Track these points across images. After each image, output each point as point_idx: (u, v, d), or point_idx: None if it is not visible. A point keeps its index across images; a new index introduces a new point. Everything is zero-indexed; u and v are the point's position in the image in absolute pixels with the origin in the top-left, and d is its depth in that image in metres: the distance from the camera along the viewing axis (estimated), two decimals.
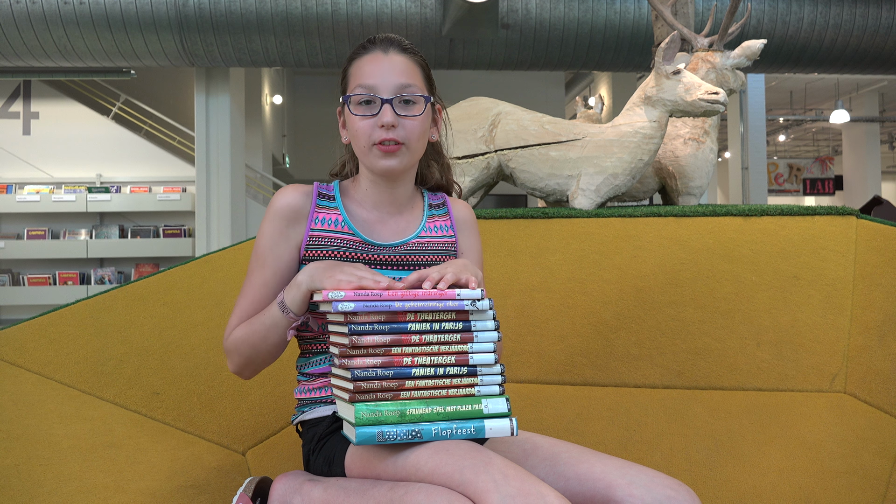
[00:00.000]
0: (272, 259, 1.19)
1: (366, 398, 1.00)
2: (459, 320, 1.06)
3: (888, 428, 1.61)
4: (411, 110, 1.19)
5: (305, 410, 1.23)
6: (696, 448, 1.64)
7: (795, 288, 1.83)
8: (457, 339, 1.05)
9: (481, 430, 1.03)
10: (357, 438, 0.98)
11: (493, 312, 1.08)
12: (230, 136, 7.58)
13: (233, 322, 1.19)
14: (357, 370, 1.00)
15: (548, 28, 6.22)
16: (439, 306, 1.04)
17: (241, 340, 1.16)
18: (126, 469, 1.32)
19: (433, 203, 1.33)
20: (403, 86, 1.18)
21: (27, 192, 7.87)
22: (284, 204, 1.21)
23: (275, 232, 1.20)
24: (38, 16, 5.82)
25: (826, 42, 6.55)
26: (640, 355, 1.82)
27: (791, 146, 17.58)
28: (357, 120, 1.18)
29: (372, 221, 1.25)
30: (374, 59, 1.19)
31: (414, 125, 1.19)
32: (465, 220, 1.35)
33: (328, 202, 1.24)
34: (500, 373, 1.07)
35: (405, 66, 1.20)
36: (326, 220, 1.22)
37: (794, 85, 12.66)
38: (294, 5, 5.93)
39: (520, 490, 0.89)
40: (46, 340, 1.59)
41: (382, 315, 1.02)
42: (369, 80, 1.18)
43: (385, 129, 1.16)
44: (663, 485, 1.03)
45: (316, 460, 1.18)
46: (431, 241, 1.27)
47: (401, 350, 1.03)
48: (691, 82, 1.98)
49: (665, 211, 1.99)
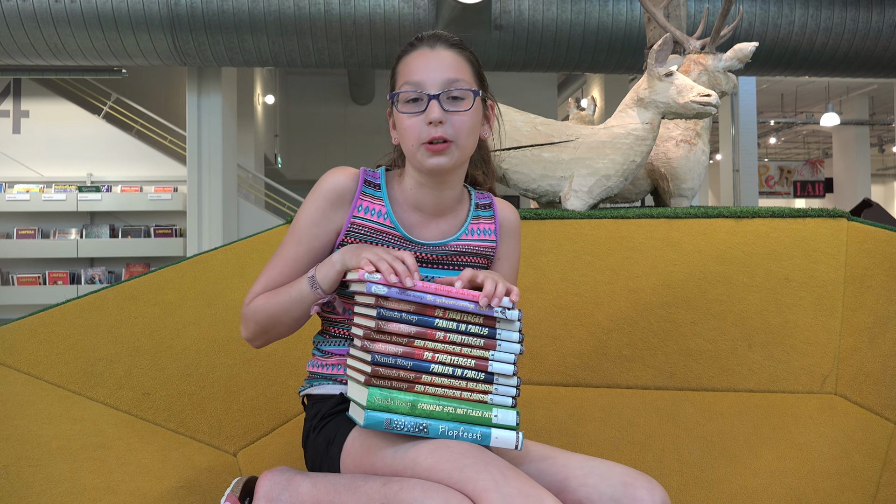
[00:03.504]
0: (309, 237, 1.18)
1: (381, 384, 1.01)
2: (486, 326, 1.06)
3: (878, 429, 1.62)
4: (460, 105, 1.15)
5: (314, 384, 1.23)
6: (687, 449, 1.64)
7: (787, 290, 1.84)
8: (480, 344, 1.05)
9: (487, 437, 1.03)
10: (365, 421, 0.98)
11: (520, 325, 1.08)
12: (222, 136, 7.55)
13: (256, 289, 1.19)
14: (378, 355, 1.01)
15: (540, 29, 6.22)
16: (469, 307, 1.04)
17: (262, 309, 1.16)
18: (116, 470, 1.32)
19: (480, 203, 1.30)
20: (451, 80, 1.15)
21: (17, 191, 7.82)
22: (332, 185, 1.19)
23: (317, 211, 1.19)
24: (29, 14, 5.78)
25: (817, 45, 6.59)
26: (632, 356, 1.82)
27: (782, 149, 17.67)
28: (405, 118, 1.16)
29: (413, 222, 1.23)
30: (421, 56, 1.17)
31: (462, 121, 1.15)
32: (510, 224, 1.31)
33: (374, 190, 1.22)
34: (515, 385, 1.07)
35: (453, 60, 1.17)
36: (370, 210, 1.20)
37: (785, 88, 12.72)
38: (286, 5, 5.91)
39: (519, 491, 0.90)
40: (36, 340, 1.58)
41: (412, 305, 1.03)
42: (416, 77, 1.15)
43: (433, 125, 1.13)
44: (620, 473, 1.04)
45: (316, 438, 1.17)
46: (472, 243, 1.25)
47: (423, 344, 1.03)
48: (683, 84, 1.99)
49: (657, 212, 1.99)
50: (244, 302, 1.20)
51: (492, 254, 1.28)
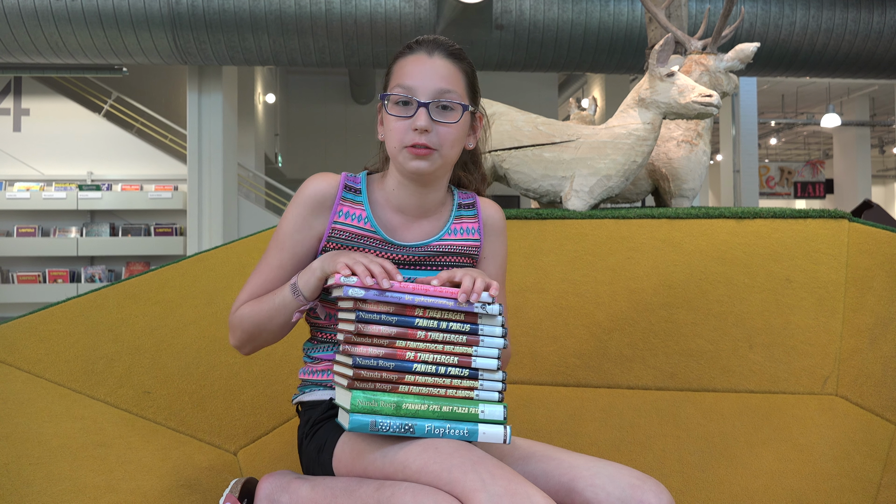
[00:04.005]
0: (292, 244, 1.19)
1: (364, 386, 1.00)
2: (468, 322, 1.05)
3: (879, 430, 1.62)
4: (448, 117, 1.16)
5: (306, 391, 1.24)
6: (688, 450, 1.64)
7: (788, 290, 1.84)
8: (462, 341, 1.05)
9: (474, 433, 1.02)
10: (350, 425, 0.98)
11: (501, 319, 1.08)
12: (222, 135, 7.56)
13: (242, 297, 1.20)
14: (359, 357, 1.00)
15: (541, 29, 6.22)
16: (449, 304, 1.04)
17: (248, 317, 1.17)
18: (117, 468, 1.31)
19: (462, 202, 1.30)
20: (443, 91, 1.15)
21: (17, 189, 7.82)
22: (313, 192, 1.20)
23: (299, 218, 1.19)
24: (30, 12, 5.78)
25: (818, 46, 6.59)
26: (633, 357, 1.82)
27: (782, 149, 17.67)
28: (392, 120, 1.16)
29: (394, 224, 1.23)
30: (417, 61, 1.17)
31: (448, 132, 1.16)
32: (494, 223, 1.31)
33: (353, 195, 1.22)
34: (501, 380, 1.06)
35: (448, 71, 1.17)
36: (350, 215, 1.21)
37: (785, 88, 12.72)
38: (287, 4, 5.91)
39: (507, 490, 0.89)
40: (36, 339, 1.58)
41: (391, 306, 1.02)
42: (409, 81, 1.16)
43: (418, 132, 1.14)
44: (629, 475, 1.04)
45: (308, 445, 1.18)
46: (454, 243, 1.25)
47: (405, 344, 1.03)
48: (685, 85, 1.99)
49: (658, 213, 1.99)
50: (231, 310, 1.21)
51: (475, 253, 1.28)
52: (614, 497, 1.01)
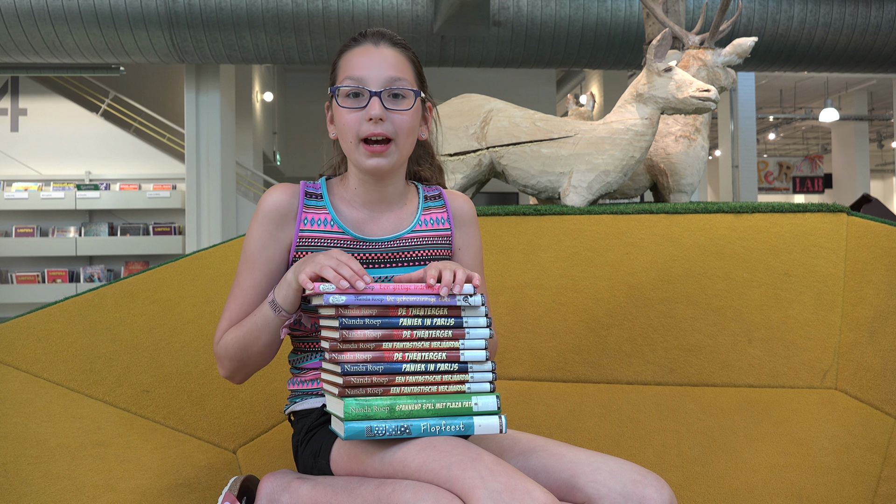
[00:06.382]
0: (262, 261, 1.18)
1: (355, 393, 1.00)
2: (451, 316, 1.05)
3: (878, 424, 1.62)
4: (400, 104, 1.16)
5: (297, 401, 1.23)
6: (687, 444, 1.64)
7: (787, 285, 1.83)
8: (448, 336, 1.04)
9: (470, 426, 1.02)
10: (346, 433, 0.98)
11: (485, 309, 1.07)
12: (220, 134, 7.55)
13: (223, 326, 1.18)
14: (347, 364, 1.00)
15: (539, 25, 6.22)
16: (431, 301, 1.03)
17: (232, 343, 1.15)
18: (115, 467, 1.31)
19: (428, 195, 1.30)
20: (393, 79, 1.15)
21: (15, 189, 7.81)
22: (272, 205, 1.19)
23: (264, 234, 1.18)
24: (26, 11, 5.77)
25: (816, 40, 6.58)
26: (633, 352, 1.82)
27: (781, 144, 17.67)
28: (344, 112, 1.16)
29: (362, 220, 1.23)
30: (364, 52, 1.17)
31: (403, 119, 1.16)
32: (464, 213, 1.31)
33: (316, 201, 1.22)
34: (491, 370, 1.06)
35: (396, 59, 1.18)
36: (315, 220, 1.20)
37: (783, 83, 12.72)
38: (285, 2, 5.90)
39: (506, 486, 0.89)
40: (35, 338, 1.58)
41: (374, 309, 1.02)
42: (358, 73, 1.15)
43: (373, 122, 1.13)
44: (630, 470, 1.03)
45: (304, 452, 1.18)
46: (425, 234, 1.25)
47: (392, 345, 1.02)
48: (683, 80, 1.99)
49: (657, 208, 1.99)
50: (214, 342, 1.19)
51: (447, 243, 1.27)
52: (615, 492, 1.01)
